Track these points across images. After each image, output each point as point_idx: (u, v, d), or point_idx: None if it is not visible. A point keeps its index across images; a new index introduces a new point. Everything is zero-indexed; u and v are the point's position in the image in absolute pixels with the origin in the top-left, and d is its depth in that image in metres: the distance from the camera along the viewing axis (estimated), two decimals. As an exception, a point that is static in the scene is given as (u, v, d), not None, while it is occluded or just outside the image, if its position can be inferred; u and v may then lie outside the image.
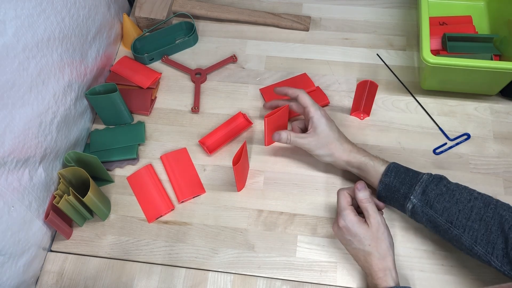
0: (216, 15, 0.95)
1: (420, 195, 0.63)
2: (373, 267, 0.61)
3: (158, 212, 0.74)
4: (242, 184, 0.76)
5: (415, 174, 0.65)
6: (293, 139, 0.71)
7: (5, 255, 0.61)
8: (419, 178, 0.64)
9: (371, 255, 0.61)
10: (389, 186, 0.65)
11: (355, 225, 0.62)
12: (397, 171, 0.66)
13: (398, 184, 0.65)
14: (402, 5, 0.97)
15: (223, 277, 0.69)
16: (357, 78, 0.87)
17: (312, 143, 0.70)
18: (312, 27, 0.95)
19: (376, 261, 0.61)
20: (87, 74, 0.80)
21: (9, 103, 0.59)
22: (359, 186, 0.64)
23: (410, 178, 0.65)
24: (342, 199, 0.64)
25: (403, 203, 0.65)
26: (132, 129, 0.82)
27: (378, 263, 0.61)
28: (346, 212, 0.63)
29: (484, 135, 0.79)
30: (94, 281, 0.69)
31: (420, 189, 0.63)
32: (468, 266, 0.68)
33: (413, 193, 0.63)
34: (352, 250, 0.64)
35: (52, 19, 0.67)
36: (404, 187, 0.64)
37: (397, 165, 0.67)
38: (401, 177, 0.65)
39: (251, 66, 0.90)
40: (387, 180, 0.65)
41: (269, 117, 0.72)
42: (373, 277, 0.61)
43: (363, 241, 0.62)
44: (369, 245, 0.61)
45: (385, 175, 0.66)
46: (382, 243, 0.61)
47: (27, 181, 0.64)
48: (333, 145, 0.70)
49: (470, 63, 0.72)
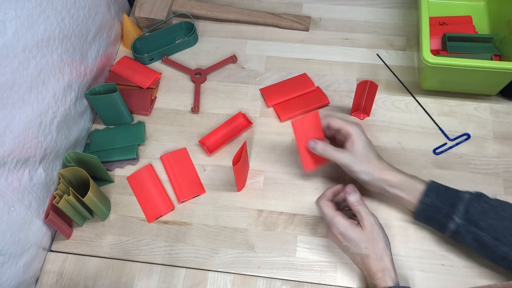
0: (216, 15, 0.95)
1: (463, 214, 0.61)
2: (371, 268, 0.61)
3: (158, 212, 0.74)
4: (242, 184, 0.76)
5: (456, 193, 0.64)
6: (331, 152, 0.67)
7: (5, 255, 0.61)
8: (460, 197, 0.63)
9: (368, 257, 0.61)
10: (430, 206, 0.63)
11: (349, 230, 0.62)
12: (437, 191, 0.64)
13: (440, 203, 0.63)
14: (402, 5, 0.97)
15: (223, 277, 0.69)
16: (357, 78, 0.87)
17: (352, 159, 0.66)
18: (312, 27, 0.95)
19: (374, 262, 0.61)
20: (87, 74, 0.80)
21: (9, 103, 0.59)
22: (349, 190, 0.63)
23: (451, 197, 0.63)
24: (326, 208, 0.64)
25: (444, 223, 0.63)
26: (132, 129, 0.82)
27: (376, 264, 0.61)
28: (337, 219, 0.62)
29: (484, 135, 0.79)
30: (94, 281, 0.69)
31: (463, 209, 0.62)
32: (468, 266, 0.68)
33: (456, 213, 0.62)
34: (350, 255, 0.64)
35: (52, 19, 0.67)
36: (446, 207, 0.62)
37: (436, 184, 0.65)
38: (442, 196, 0.63)
39: (251, 66, 0.90)
40: (428, 200, 0.63)
41: (297, 120, 0.67)
42: (372, 278, 0.61)
43: (359, 244, 0.61)
44: (366, 248, 0.61)
45: (426, 194, 0.63)
46: (378, 244, 0.61)
47: (27, 181, 0.64)
48: (372, 163, 0.66)
49: (470, 63, 0.72)
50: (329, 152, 0.67)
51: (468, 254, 0.68)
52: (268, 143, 0.81)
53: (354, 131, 0.66)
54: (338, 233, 0.62)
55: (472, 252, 0.67)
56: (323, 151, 0.67)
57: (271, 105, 0.84)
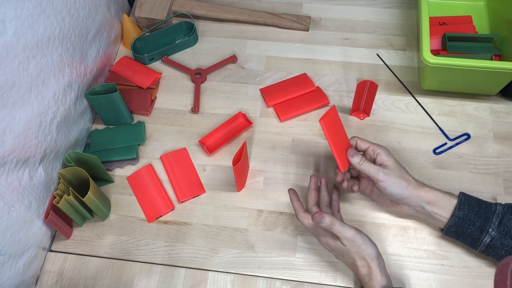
0: (216, 15, 0.95)
1: (498, 227, 0.61)
2: (359, 274, 0.62)
3: (158, 212, 0.74)
4: (242, 184, 0.76)
5: (487, 206, 0.63)
6: (366, 164, 0.64)
7: (5, 255, 0.61)
8: (493, 209, 0.62)
9: (354, 265, 0.62)
10: (464, 219, 0.62)
11: (331, 244, 0.63)
12: (469, 204, 0.63)
13: (473, 217, 0.62)
14: (402, 5, 0.97)
15: (223, 277, 0.69)
16: (357, 78, 0.87)
17: (388, 173, 0.64)
18: (312, 27, 0.95)
19: (360, 269, 0.61)
20: (87, 74, 0.80)
21: (9, 103, 0.59)
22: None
23: (484, 210, 0.62)
24: (305, 221, 0.65)
25: (477, 237, 0.63)
26: (132, 129, 0.82)
27: (362, 270, 0.61)
28: (317, 231, 0.64)
29: (484, 135, 0.79)
30: (94, 281, 0.69)
31: (497, 221, 0.61)
32: (468, 266, 0.68)
33: (490, 226, 0.61)
34: (340, 260, 0.65)
35: (52, 19, 0.67)
36: (479, 220, 0.62)
37: (467, 197, 0.64)
38: (474, 209, 0.63)
39: (251, 66, 0.90)
40: (461, 214, 0.62)
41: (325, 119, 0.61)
42: (361, 282, 0.62)
43: (344, 254, 0.62)
44: (350, 258, 0.62)
45: (459, 208, 0.63)
46: (362, 253, 0.61)
47: (27, 181, 0.64)
48: (407, 178, 0.64)
49: (470, 63, 0.72)
50: (365, 164, 0.64)
51: (468, 254, 0.68)
52: (268, 143, 0.81)
53: (383, 150, 0.66)
54: (323, 243, 0.64)
55: (472, 252, 0.68)
56: (360, 161, 0.64)
57: (271, 105, 0.84)
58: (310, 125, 0.82)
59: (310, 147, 0.80)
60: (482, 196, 0.72)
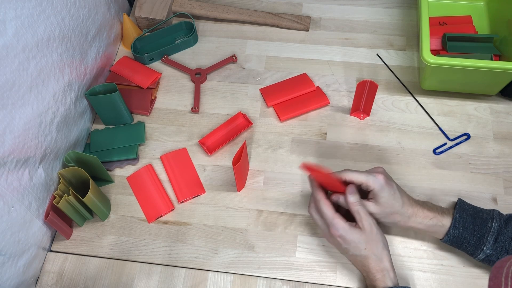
0: (216, 15, 0.95)
1: (493, 245, 0.61)
2: (371, 269, 0.61)
3: (158, 212, 0.74)
4: (242, 184, 0.76)
5: (483, 223, 0.63)
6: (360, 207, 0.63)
7: (5, 255, 0.61)
8: (489, 227, 0.62)
9: (368, 259, 0.61)
10: (458, 238, 0.63)
11: (348, 232, 0.61)
12: (464, 222, 0.63)
13: (468, 235, 0.62)
14: (402, 5, 0.97)
15: (223, 277, 0.69)
16: (357, 78, 0.87)
17: (378, 210, 0.63)
18: (312, 27, 0.95)
19: (373, 263, 0.61)
20: (87, 74, 0.80)
21: (9, 103, 0.59)
22: (350, 190, 0.62)
23: (479, 228, 0.62)
24: (326, 209, 0.62)
25: (472, 253, 0.63)
26: (132, 129, 0.82)
27: (375, 265, 0.61)
28: (336, 221, 0.61)
29: (484, 135, 0.79)
30: (94, 281, 0.69)
31: (492, 239, 0.61)
32: (468, 266, 0.68)
33: (485, 244, 0.62)
34: (350, 257, 0.64)
35: (52, 19, 0.67)
36: (474, 238, 0.62)
37: (462, 213, 0.64)
38: (469, 227, 0.63)
39: (251, 66, 0.90)
40: (456, 233, 0.63)
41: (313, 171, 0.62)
42: (372, 278, 0.61)
43: (358, 246, 0.61)
44: (365, 249, 0.61)
45: (454, 227, 0.63)
46: (377, 244, 0.61)
47: (27, 181, 0.64)
48: (398, 214, 0.64)
49: (470, 63, 0.72)
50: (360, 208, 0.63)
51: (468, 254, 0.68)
52: (268, 143, 0.81)
53: (375, 185, 0.62)
54: (337, 236, 0.61)
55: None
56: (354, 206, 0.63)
57: (271, 105, 0.84)
58: (310, 125, 0.82)
59: (310, 147, 0.80)
60: (482, 196, 0.73)
